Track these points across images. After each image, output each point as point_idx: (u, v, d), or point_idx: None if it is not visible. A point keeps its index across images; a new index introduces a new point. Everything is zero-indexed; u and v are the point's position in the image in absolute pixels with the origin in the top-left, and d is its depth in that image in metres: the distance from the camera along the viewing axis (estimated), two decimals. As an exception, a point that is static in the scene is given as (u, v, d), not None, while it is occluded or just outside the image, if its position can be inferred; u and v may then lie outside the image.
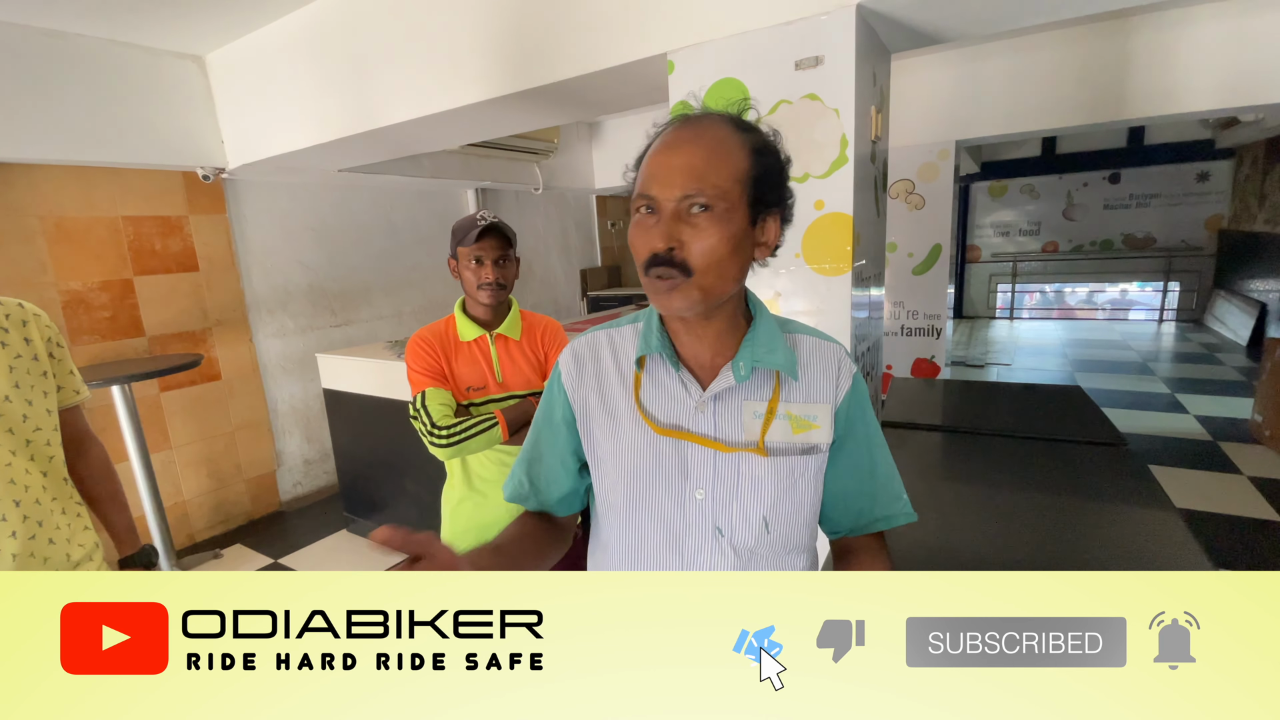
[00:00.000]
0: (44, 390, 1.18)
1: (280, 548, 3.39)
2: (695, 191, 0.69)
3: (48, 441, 1.18)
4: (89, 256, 3.02)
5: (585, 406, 0.83)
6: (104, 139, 2.74)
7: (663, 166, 0.71)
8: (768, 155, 0.74)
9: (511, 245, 1.54)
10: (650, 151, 0.74)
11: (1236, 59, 2.95)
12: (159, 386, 3.31)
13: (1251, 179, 7.26)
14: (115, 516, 1.35)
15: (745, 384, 0.78)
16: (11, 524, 1.09)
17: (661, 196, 0.70)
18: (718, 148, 0.71)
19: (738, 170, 0.71)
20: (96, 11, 2.46)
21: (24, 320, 1.18)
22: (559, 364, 0.87)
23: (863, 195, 1.68)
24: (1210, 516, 3.13)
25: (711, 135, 0.72)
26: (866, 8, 1.55)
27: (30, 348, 1.17)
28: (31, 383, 1.15)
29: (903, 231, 3.92)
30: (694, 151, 0.70)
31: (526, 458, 0.90)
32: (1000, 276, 9.96)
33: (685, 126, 0.74)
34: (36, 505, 1.13)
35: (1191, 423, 4.54)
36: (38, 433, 1.16)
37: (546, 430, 0.88)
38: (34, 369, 1.17)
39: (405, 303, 4.61)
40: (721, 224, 0.70)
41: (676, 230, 0.70)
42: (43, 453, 1.17)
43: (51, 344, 1.22)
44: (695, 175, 0.69)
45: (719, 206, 0.70)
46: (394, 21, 2.34)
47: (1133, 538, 1.32)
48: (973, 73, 3.57)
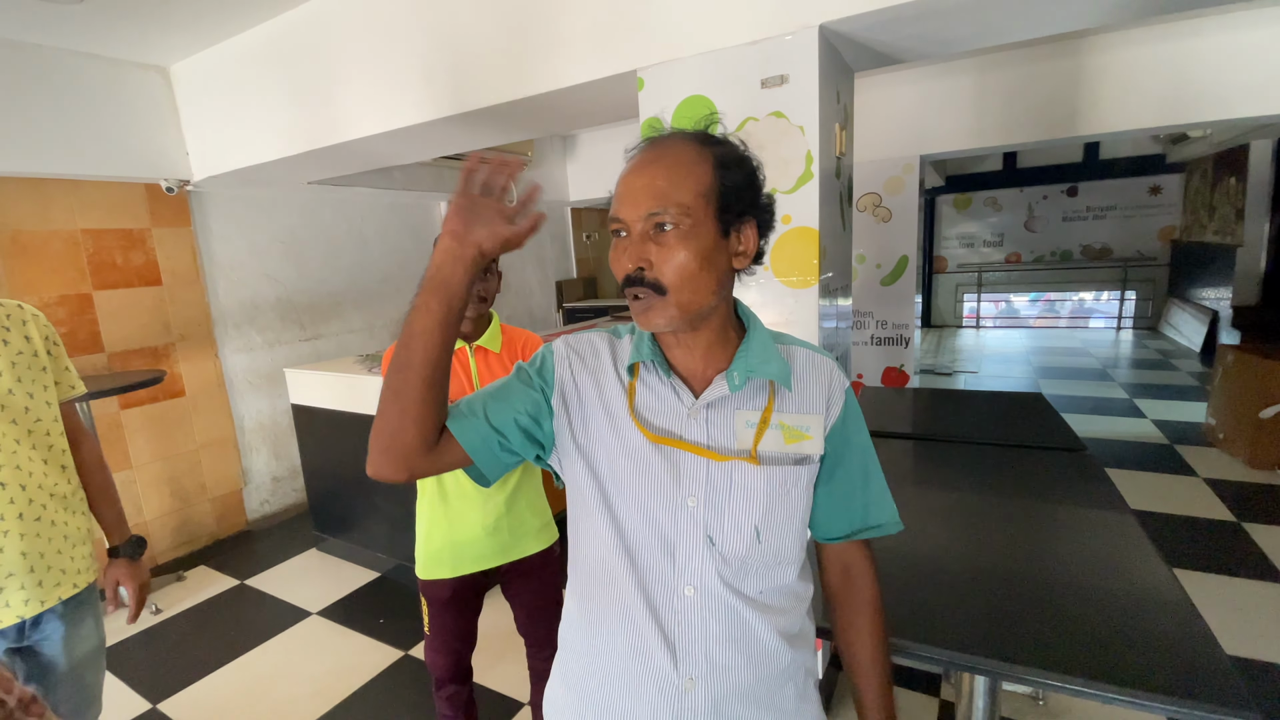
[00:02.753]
0: (44, 385, 1.27)
1: (247, 568, 3.30)
2: (658, 209, 0.71)
3: (48, 432, 1.27)
4: (46, 270, 2.94)
5: (579, 396, 0.82)
6: (64, 150, 2.67)
7: (628, 189, 0.73)
8: (733, 167, 0.75)
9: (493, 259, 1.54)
10: (620, 176, 0.76)
11: (1182, 78, 3.09)
12: (119, 404, 3.21)
13: (1201, 192, 7.57)
14: (105, 508, 1.41)
15: (739, 393, 0.78)
16: (18, 506, 1.19)
17: (628, 218, 0.73)
18: (678, 166, 0.73)
19: (700, 185, 0.72)
20: (57, 21, 2.41)
21: (24, 320, 1.26)
22: (553, 347, 0.86)
23: (828, 209, 1.72)
24: (1168, 518, 3.23)
25: (673, 155, 0.74)
26: (829, 29, 1.59)
27: (30, 345, 1.26)
28: (33, 377, 1.25)
29: (871, 243, 4.01)
30: (655, 172, 0.72)
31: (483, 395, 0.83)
32: (966, 286, 10.21)
33: (649, 149, 0.76)
34: (39, 490, 1.23)
35: (1149, 427, 4.69)
36: (39, 424, 1.25)
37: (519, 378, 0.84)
38: (34, 365, 1.26)
39: (376, 316, 4.56)
40: (687, 240, 0.71)
41: (644, 250, 0.72)
42: (43, 442, 1.25)
43: (49, 342, 1.31)
44: (657, 195, 0.71)
45: (684, 223, 0.71)
46: (361, 34, 2.33)
47: (1091, 539, 1.36)
48: (937, 90, 3.69)
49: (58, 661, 1.25)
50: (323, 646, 2.58)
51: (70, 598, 1.26)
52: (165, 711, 2.24)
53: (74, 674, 1.28)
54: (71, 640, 1.26)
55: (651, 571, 0.78)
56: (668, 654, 0.77)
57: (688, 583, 0.77)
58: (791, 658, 0.82)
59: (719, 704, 0.78)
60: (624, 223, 0.73)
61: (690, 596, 0.77)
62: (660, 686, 0.78)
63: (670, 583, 0.78)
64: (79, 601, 1.29)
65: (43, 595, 1.21)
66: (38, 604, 1.20)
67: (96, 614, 1.34)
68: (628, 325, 0.87)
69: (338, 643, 2.59)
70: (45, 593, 1.21)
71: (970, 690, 1.22)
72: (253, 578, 3.20)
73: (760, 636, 0.79)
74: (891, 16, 1.54)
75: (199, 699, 2.30)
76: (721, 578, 0.77)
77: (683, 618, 0.77)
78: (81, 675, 1.29)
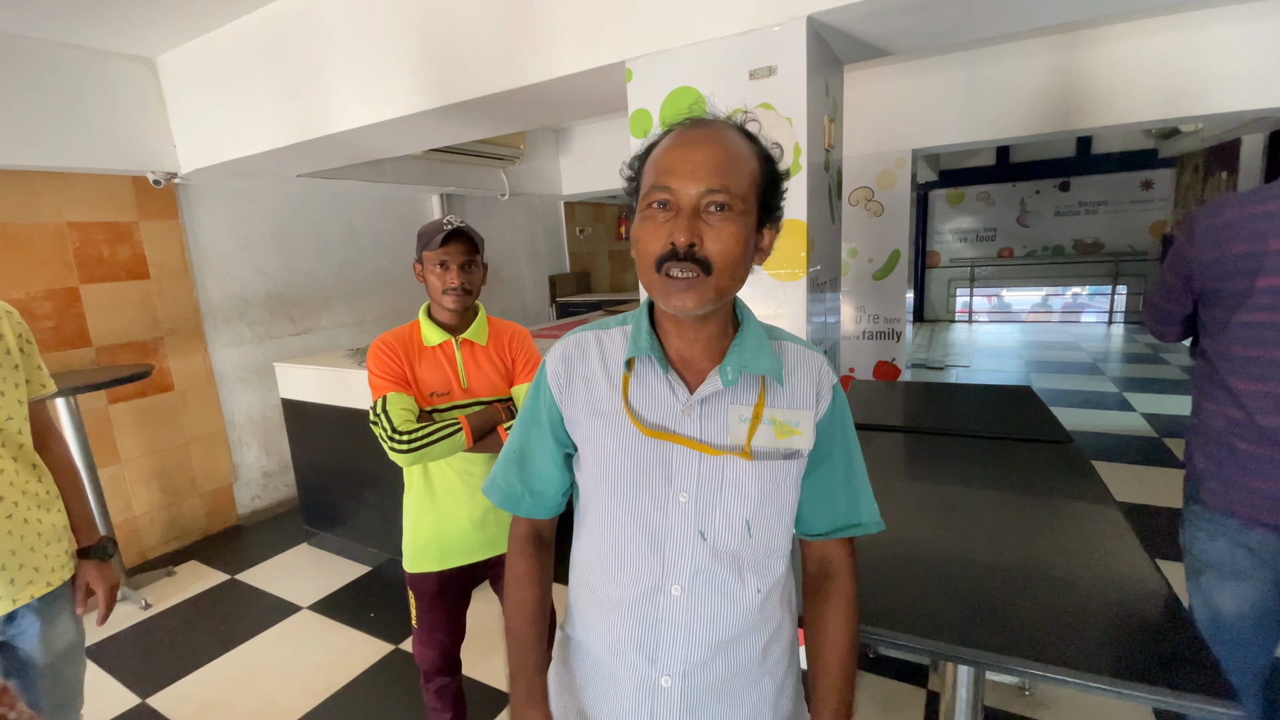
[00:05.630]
0: (15, 382, 1.25)
1: (237, 563, 3.29)
2: (719, 187, 0.69)
3: (19, 430, 1.25)
4: (31, 264, 2.91)
5: (573, 406, 0.83)
6: (49, 143, 2.65)
7: (684, 160, 0.70)
8: (773, 165, 0.76)
9: (478, 250, 1.53)
10: (664, 148, 0.73)
11: (1174, 72, 3.10)
12: (107, 398, 3.19)
13: (1193, 187, 7.61)
14: (75, 508, 1.38)
15: (732, 388, 0.78)
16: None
17: (682, 190, 0.69)
18: (735, 150, 0.71)
19: (753, 174, 0.72)
20: (41, 12, 2.38)
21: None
22: (546, 364, 0.86)
23: (817, 203, 1.72)
24: (1156, 510, 3.26)
25: (729, 138, 0.72)
26: (817, 20, 1.59)
27: (3, 342, 1.24)
28: (4, 375, 1.23)
29: (862, 237, 4.01)
30: (716, 150, 0.70)
31: (514, 460, 0.88)
32: (959, 281, 10.24)
33: (701, 126, 0.74)
34: (10, 487, 1.21)
35: (1139, 420, 4.73)
36: (9, 421, 1.23)
37: (535, 430, 0.87)
38: (5, 362, 1.24)
39: (367, 310, 4.53)
40: (738, 225, 0.70)
41: (697, 227, 0.70)
42: (13, 440, 1.24)
43: (22, 340, 1.29)
44: (719, 172, 0.69)
45: (737, 207, 0.70)
46: (348, 26, 2.31)
47: (1076, 529, 1.37)
48: (929, 84, 3.68)
49: (36, 657, 1.24)
50: (313, 641, 2.57)
51: (45, 595, 1.25)
52: (155, 706, 2.23)
53: (53, 670, 1.27)
54: (49, 636, 1.26)
55: (638, 570, 0.78)
56: (646, 651, 0.78)
57: (674, 581, 0.77)
58: (771, 654, 0.82)
59: (694, 702, 0.78)
60: (675, 194, 0.70)
61: (677, 596, 0.77)
62: (637, 683, 0.78)
63: (657, 581, 0.78)
64: (55, 598, 1.27)
65: (15, 593, 1.20)
66: (9, 601, 1.19)
67: (74, 611, 1.33)
68: (618, 317, 0.87)
69: (328, 637, 2.59)
70: (18, 590, 1.20)
71: (954, 680, 1.22)
72: (243, 572, 3.19)
73: (741, 634, 0.79)
74: (880, 8, 1.54)
75: (189, 693, 2.30)
76: (710, 574, 0.77)
77: (666, 615, 0.77)
78: (60, 671, 1.29)
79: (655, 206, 0.71)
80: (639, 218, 0.73)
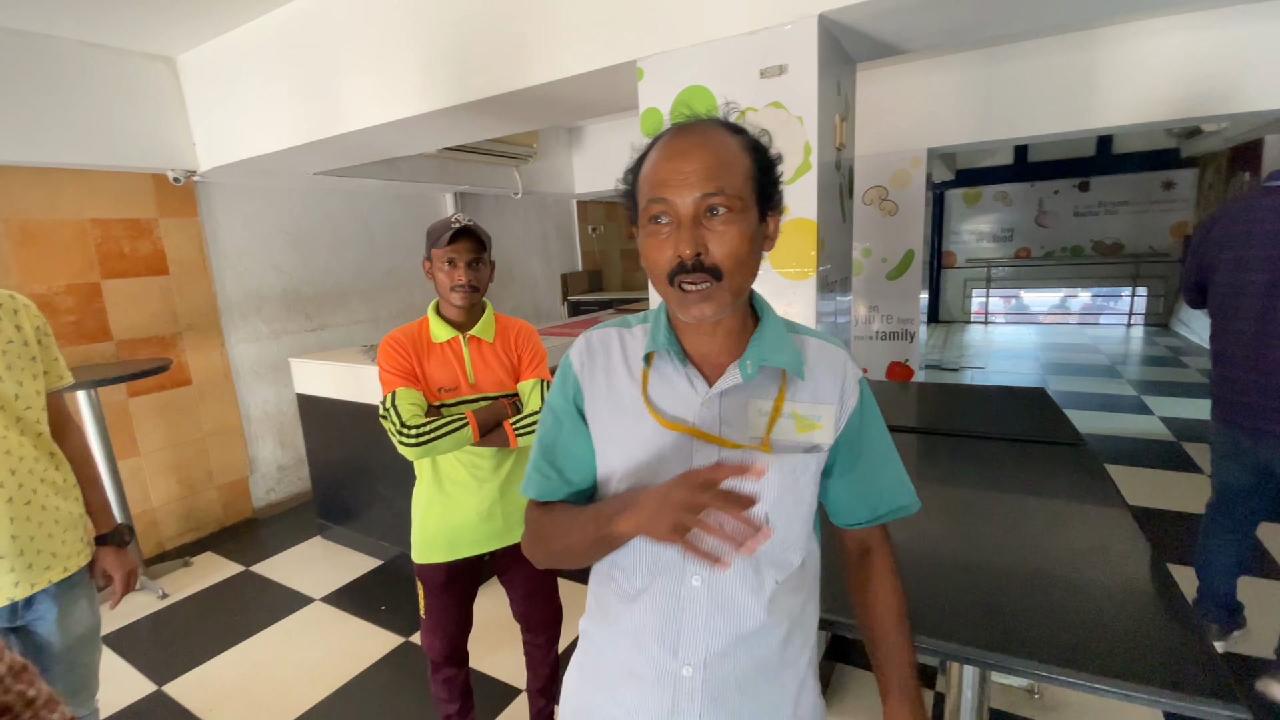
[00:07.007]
0: (34, 374, 1.28)
1: (252, 555, 3.34)
2: (714, 191, 0.69)
3: (37, 419, 1.28)
4: (55, 259, 2.97)
5: (594, 395, 0.83)
6: (72, 141, 2.70)
7: (674, 173, 0.70)
8: (764, 153, 0.76)
9: (485, 248, 1.55)
10: (654, 160, 0.73)
11: (1197, 71, 3.05)
12: (127, 391, 3.25)
13: (1215, 187, 7.47)
14: (91, 497, 1.41)
15: (751, 382, 0.78)
16: (8, 490, 1.20)
17: (678, 201, 0.70)
18: (723, 150, 0.72)
19: (746, 169, 0.72)
20: (65, 12, 2.43)
21: (15, 309, 1.27)
22: (570, 352, 0.87)
23: (827, 202, 1.72)
24: (1172, 515, 3.21)
25: (716, 139, 0.72)
26: (829, 18, 1.58)
27: (21, 334, 1.27)
28: (22, 365, 1.26)
29: (876, 237, 3.98)
30: (705, 155, 0.70)
31: (545, 451, 0.86)
32: (975, 281, 10.13)
33: (686, 133, 0.74)
34: (30, 474, 1.24)
35: (1156, 424, 4.65)
36: (28, 411, 1.26)
37: (565, 417, 0.86)
38: (24, 354, 1.27)
39: (382, 307, 4.58)
40: (740, 224, 0.71)
41: (700, 235, 0.70)
42: (32, 429, 1.27)
43: (40, 332, 1.32)
44: (711, 176, 0.69)
45: (736, 206, 0.70)
46: (365, 26, 2.34)
47: (1086, 531, 1.36)
48: (945, 82, 3.65)
49: (52, 642, 1.27)
50: (325, 632, 2.61)
51: (62, 580, 1.28)
52: (170, 694, 2.28)
53: (69, 655, 1.30)
54: (65, 622, 1.28)
55: (659, 562, 0.79)
56: (668, 643, 0.78)
57: (695, 572, 0.77)
58: (792, 646, 0.82)
59: (717, 693, 0.78)
60: (672, 205, 0.70)
61: (697, 587, 0.77)
62: (659, 674, 0.79)
63: (677, 573, 0.78)
64: (71, 584, 1.30)
65: (32, 578, 1.23)
66: (28, 586, 1.22)
67: (90, 597, 1.36)
68: (640, 315, 0.87)
69: (339, 628, 2.62)
70: (35, 575, 1.23)
71: (959, 681, 1.22)
72: (257, 564, 3.24)
73: (762, 625, 0.79)
74: (892, 6, 1.53)
75: (203, 682, 2.34)
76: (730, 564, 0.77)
77: (687, 606, 0.77)
78: (76, 656, 1.32)
79: (655, 221, 0.72)
80: (643, 233, 0.74)
